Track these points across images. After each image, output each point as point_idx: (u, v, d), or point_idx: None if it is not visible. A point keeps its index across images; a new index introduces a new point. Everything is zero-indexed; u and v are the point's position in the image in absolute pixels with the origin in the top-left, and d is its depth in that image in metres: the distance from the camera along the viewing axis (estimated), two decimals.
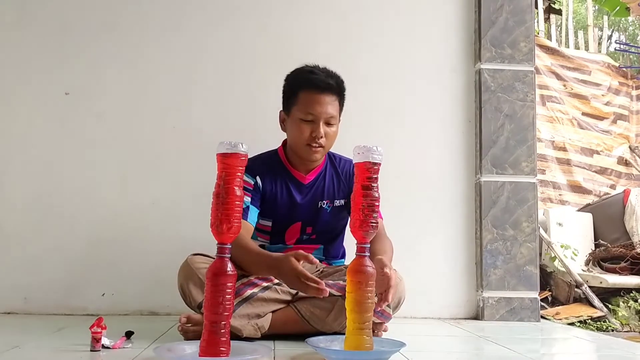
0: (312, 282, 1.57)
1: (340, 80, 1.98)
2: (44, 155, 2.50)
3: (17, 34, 2.55)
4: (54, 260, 2.44)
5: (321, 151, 1.95)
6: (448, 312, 2.56)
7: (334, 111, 1.93)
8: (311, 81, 1.93)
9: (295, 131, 1.94)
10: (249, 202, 1.91)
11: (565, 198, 5.39)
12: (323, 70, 1.97)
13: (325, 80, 1.93)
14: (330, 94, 1.93)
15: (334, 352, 1.49)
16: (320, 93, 1.91)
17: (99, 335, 1.57)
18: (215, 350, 1.36)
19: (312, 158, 1.97)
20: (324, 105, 1.91)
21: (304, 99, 1.92)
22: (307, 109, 1.91)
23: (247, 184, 1.93)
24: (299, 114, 1.93)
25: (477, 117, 2.64)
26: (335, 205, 2.05)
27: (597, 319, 3.58)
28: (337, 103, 1.96)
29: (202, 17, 2.60)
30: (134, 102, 2.55)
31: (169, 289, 2.06)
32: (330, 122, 1.94)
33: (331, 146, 2.00)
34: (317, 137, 1.91)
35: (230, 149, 1.40)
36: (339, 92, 1.96)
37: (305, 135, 1.92)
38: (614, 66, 6.20)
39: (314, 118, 1.91)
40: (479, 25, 2.67)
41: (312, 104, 1.91)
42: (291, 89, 1.98)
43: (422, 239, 2.57)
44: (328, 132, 1.93)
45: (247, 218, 1.90)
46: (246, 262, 1.78)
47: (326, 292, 1.57)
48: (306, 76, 1.95)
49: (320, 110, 1.90)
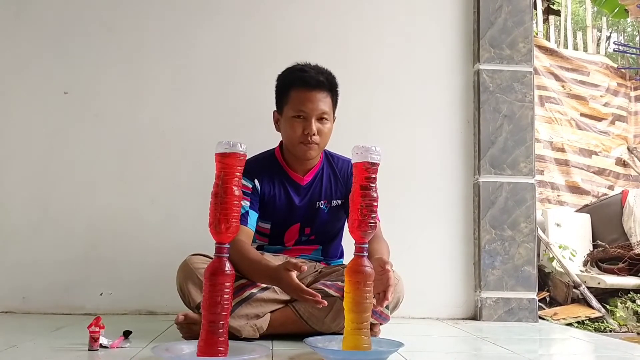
0: (309, 296, 1.59)
1: (332, 76, 1.98)
2: (42, 154, 2.50)
3: (15, 33, 2.55)
4: (53, 259, 2.44)
5: (316, 148, 1.94)
6: (446, 312, 2.56)
7: (326, 107, 1.93)
8: (301, 79, 1.93)
9: (288, 129, 1.94)
10: (247, 207, 1.90)
11: (564, 199, 5.40)
12: (313, 67, 1.97)
13: (316, 77, 1.93)
14: (321, 90, 1.92)
15: (332, 352, 1.49)
16: (311, 90, 1.91)
17: (97, 335, 1.57)
18: (213, 350, 1.36)
19: (307, 156, 1.96)
20: (315, 102, 1.91)
21: (295, 96, 1.92)
22: (298, 106, 1.91)
23: (246, 188, 1.91)
24: (291, 112, 1.93)
25: (476, 118, 2.64)
26: (332, 206, 2.05)
27: (595, 319, 3.59)
28: (329, 99, 1.95)
29: (201, 17, 2.60)
30: (133, 102, 2.55)
31: (167, 289, 2.06)
32: (323, 118, 1.93)
33: (326, 143, 1.99)
34: (309, 134, 1.90)
35: (228, 148, 1.40)
36: (330, 89, 1.96)
37: (298, 132, 1.91)
38: (612, 67, 6.21)
39: (306, 115, 1.91)
40: (477, 25, 2.67)
41: (303, 101, 1.91)
42: (282, 88, 1.98)
43: (421, 239, 2.58)
44: (321, 128, 1.93)
45: (247, 223, 1.89)
46: (248, 272, 1.78)
47: (324, 303, 1.58)
48: (296, 74, 1.96)
49: (311, 107, 1.90)
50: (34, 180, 2.49)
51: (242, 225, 1.83)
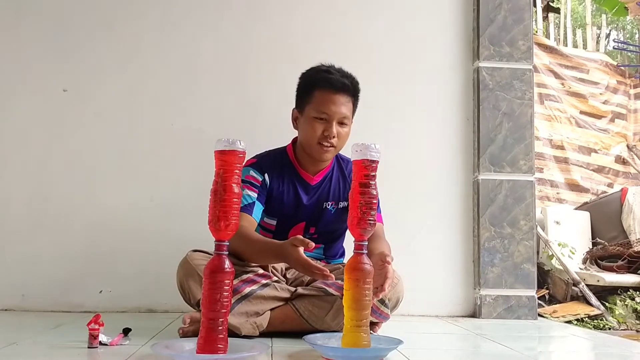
0: (317, 271, 1.58)
1: (356, 81, 1.99)
2: (42, 152, 2.50)
3: (14, 31, 2.54)
4: (52, 257, 2.44)
5: (332, 151, 1.95)
6: (445, 310, 2.56)
7: (347, 112, 1.94)
8: (327, 80, 1.93)
9: (309, 129, 1.94)
10: (255, 198, 1.91)
11: (563, 196, 5.40)
12: (339, 70, 1.97)
13: (341, 80, 1.93)
14: (345, 94, 1.93)
15: (332, 349, 1.49)
16: (335, 93, 1.91)
17: (96, 332, 1.57)
18: (212, 347, 1.36)
19: (323, 158, 1.97)
20: (338, 105, 1.91)
21: (318, 97, 1.92)
22: (321, 107, 1.91)
23: (255, 180, 1.93)
24: (313, 112, 1.93)
25: (475, 115, 2.64)
26: (339, 207, 2.05)
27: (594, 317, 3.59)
28: (351, 104, 1.96)
29: (201, 14, 2.60)
30: (133, 99, 2.55)
31: (166, 286, 2.06)
32: (344, 122, 1.94)
33: (342, 147, 1.99)
34: (329, 137, 1.91)
35: (228, 146, 1.39)
36: (353, 93, 1.97)
37: (318, 133, 1.92)
38: (612, 65, 6.20)
39: (328, 117, 1.91)
40: (477, 23, 2.67)
41: (327, 103, 1.91)
42: (306, 87, 1.98)
43: (420, 237, 2.58)
44: (340, 132, 1.93)
45: (252, 213, 1.90)
46: (250, 252, 1.78)
47: (332, 277, 1.57)
48: (322, 75, 1.95)
49: (334, 110, 1.91)
50: (34, 178, 2.49)
51: (247, 214, 1.83)
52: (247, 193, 1.90)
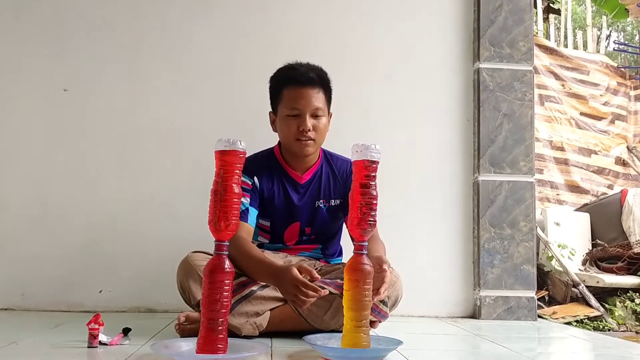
0: (312, 290, 1.58)
1: (323, 72, 1.99)
2: (42, 150, 2.50)
3: (14, 30, 2.54)
4: (52, 256, 2.44)
5: (312, 144, 1.95)
6: (445, 311, 2.56)
7: (319, 103, 1.94)
8: (292, 77, 1.95)
9: (284, 128, 1.95)
10: (247, 204, 1.91)
11: (563, 198, 5.40)
12: (304, 65, 1.98)
13: (306, 74, 1.94)
14: (312, 86, 1.93)
15: (331, 350, 1.49)
16: (302, 87, 1.92)
17: (96, 332, 1.57)
18: (212, 347, 1.36)
19: (305, 152, 1.97)
20: (307, 98, 1.92)
21: (287, 95, 1.94)
22: (291, 104, 1.92)
23: (246, 185, 1.92)
24: (285, 110, 1.94)
25: (476, 116, 2.64)
26: (331, 205, 2.05)
27: (594, 318, 3.59)
28: (322, 95, 1.96)
29: (201, 14, 2.60)
30: (132, 99, 2.55)
31: (166, 286, 2.06)
32: (317, 114, 1.94)
33: (323, 139, 1.99)
34: (304, 131, 1.91)
35: (228, 146, 1.40)
36: (322, 84, 1.97)
37: (293, 130, 1.92)
38: (612, 66, 6.21)
39: (300, 112, 1.92)
40: (477, 24, 2.67)
41: (296, 98, 1.92)
42: (275, 88, 2.00)
43: (420, 238, 2.58)
44: (316, 124, 1.93)
45: (247, 220, 1.90)
46: (248, 270, 1.78)
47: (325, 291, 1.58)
48: (287, 73, 1.97)
49: (304, 104, 1.91)
50: (34, 177, 2.49)
51: (243, 222, 1.83)
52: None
